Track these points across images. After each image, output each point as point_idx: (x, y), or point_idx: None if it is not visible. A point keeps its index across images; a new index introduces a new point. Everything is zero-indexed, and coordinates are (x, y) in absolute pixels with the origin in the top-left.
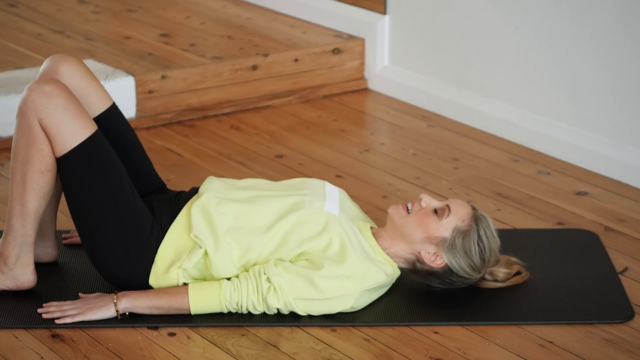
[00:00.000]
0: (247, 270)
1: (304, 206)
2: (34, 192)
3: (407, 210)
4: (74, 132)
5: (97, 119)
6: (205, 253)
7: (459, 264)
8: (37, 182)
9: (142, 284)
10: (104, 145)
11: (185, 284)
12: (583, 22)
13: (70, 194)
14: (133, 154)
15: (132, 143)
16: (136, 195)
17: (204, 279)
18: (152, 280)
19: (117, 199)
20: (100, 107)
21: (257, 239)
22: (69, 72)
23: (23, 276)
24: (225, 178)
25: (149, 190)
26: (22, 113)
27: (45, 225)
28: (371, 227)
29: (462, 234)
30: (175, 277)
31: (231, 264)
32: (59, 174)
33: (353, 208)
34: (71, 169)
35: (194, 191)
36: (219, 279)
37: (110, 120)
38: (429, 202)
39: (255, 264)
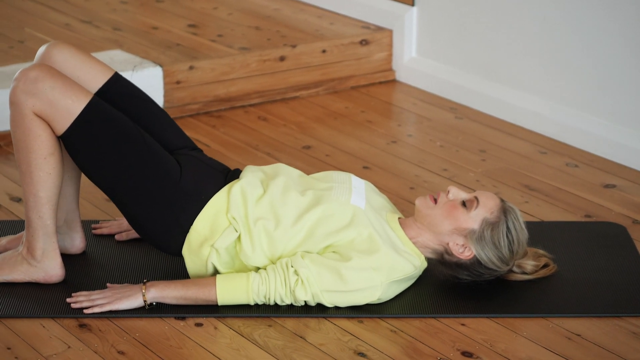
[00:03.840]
0: (274, 263)
1: (329, 200)
2: (42, 180)
3: (434, 201)
4: (67, 107)
5: (103, 90)
6: (239, 238)
7: (487, 255)
8: (42, 169)
9: (177, 236)
10: (104, 110)
11: (214, 272)
12: (612, 13)
13: (85, 167)
14: (150, 109)
15: (146, 100)
16: (152, 144)
17: (233, 265)
18: (185, 251)
19: (130, 154)
20: (102, 79)
21: (283, 231)
22: (61, 55)
23: (52, 269)
24: (260, 167)
25: (180, 142)
26: (13, 103)
27: (69, 217)
28: (399, 218)
29: (490, 225)
30: (207, 254)
31: (261, 251)
32: (68, 151)
33: (380, 200)
34: (76, 143)
35: (239, 172)
36: (247, 267)
37: (116, 86)
38: (457, 194)
39: (280, 257)
